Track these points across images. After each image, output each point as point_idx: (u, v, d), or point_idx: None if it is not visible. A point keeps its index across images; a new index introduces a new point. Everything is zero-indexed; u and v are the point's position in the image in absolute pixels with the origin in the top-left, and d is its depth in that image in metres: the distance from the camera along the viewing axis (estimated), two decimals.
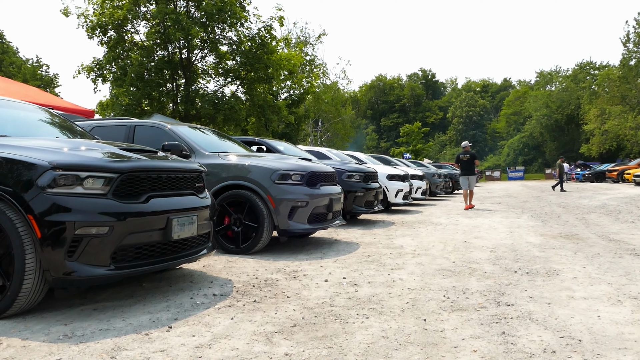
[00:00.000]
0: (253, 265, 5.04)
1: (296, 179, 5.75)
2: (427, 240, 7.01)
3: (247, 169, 5.70)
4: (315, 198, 5.82)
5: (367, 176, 9.03)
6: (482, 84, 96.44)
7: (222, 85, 18.49)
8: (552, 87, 70.32)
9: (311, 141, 32.79)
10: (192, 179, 4.04)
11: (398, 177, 11.62)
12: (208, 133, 7.11)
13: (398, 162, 17.53)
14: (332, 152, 11.98)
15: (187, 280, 4.31)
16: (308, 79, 24.78)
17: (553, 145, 65.97)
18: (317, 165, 6.23)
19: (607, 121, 47.93)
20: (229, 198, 5.68)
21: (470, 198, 13.22)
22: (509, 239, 7.00)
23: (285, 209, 5.55)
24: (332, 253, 5.85)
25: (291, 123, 21.69)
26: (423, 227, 8.75)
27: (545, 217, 10.40)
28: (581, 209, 12.43)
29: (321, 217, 6.07)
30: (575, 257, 5.54)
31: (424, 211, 12.39)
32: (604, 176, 35.26)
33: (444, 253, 5.86)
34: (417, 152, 48.23)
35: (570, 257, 5.55)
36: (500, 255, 5.65)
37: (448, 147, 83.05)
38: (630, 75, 46.38)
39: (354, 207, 8.63)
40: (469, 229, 8.39)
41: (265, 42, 17.01)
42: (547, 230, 8.03)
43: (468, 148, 13.71)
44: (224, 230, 5.72)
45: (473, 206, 13.14)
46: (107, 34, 16.60)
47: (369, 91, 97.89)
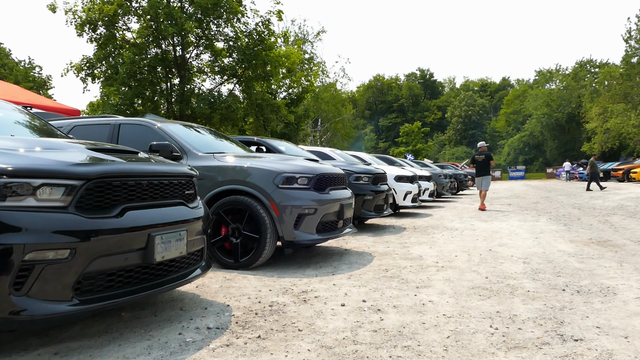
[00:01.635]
0: (255, 284, 4.32)
1: (303, 182, 5.04)
2: (447, 249, 6.30)
3: (246, 172, 4.99)
4: (325, 204, 5.11)
5: (376, 178, 8.33)
6: (481, 83, 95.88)
7: (219, 83, 17.75)
8: (552, 85, 69.74)
9: (311, 141, 32.04)
10: (181, 185, 3.32)
11: (406, 179, 10.91)
12: (203, 132, 6.39)
13: (402, 163, 16.83)
14: (336, 152, 11.27)
15: (176, 306, 3.59)
16: (307, 77, 24.04)
17: (554, 144, 65.39)
18: (325, 167, 5.52)
19: (609, 119, 47.32)
20: (226, 205, 4.97)
21: (483, 198, 12.98)
22: (538, 247, 6.30)
23: (290, 217, 4.83)
24: (344, 267, 5.14)
25: (290, 123, 20.94)
26: (438, 232, 8.04)
27: (564, 220, 9.71)
28: (598, 210, 11.76)
29: (331, 226, 5.35)
30: (623, 269, 4.85)
31: (434, 214, 11.68)
32: (608, 175, 34.62)
33: (472, 265, 5.15)
34: (417, 152, 47.60)
35: (617, 269, 4.86)
36: (536, 268, 4.94)
37: (447, 146, 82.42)
38: (632, 73, 45.81)
39: (363, 212, 7.91)
40: (488, 234, 7.68)
41: (263, 38, 16.26)
42: (574, 236, 7.34)
43: (484, 148, 13.41)
44: (220, 242, 5.00)
45: (485, 208, 12.81)
46: (97, 30, 15.84)
47: (366, 91, 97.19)
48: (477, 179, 13.04)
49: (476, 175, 13.11)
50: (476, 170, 13.12)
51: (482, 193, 12.91)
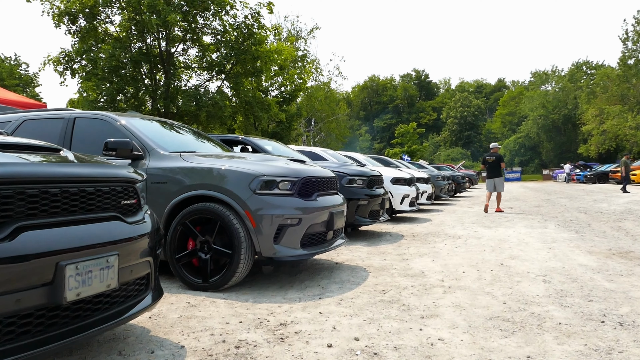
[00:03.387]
0: (224, 311, 3.53)
1: (285, 187, 4.25)
2: (451, 262, 5.53)
3: (217, 175, 4.20)
4: (311, 213, 4.32)
5: (371, 181, 7.55)
6: (476, 84, 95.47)
7: (206, 80, 16.89)
8: (548, 87, 69.30)
9: (304, 141, 31.18)
10: (115, 193, 2.52)
11: (404, 181, 10.15)
12: (177, 129, 5.60)
13: (398, 164, 16.07)
14: (328, 152, 10.50)
15: (114, 348, 2.79)
16: (300, 75, 23.21)
17: (550, 145, 64.95)
18: (312, 169, 4.73)
19: (605, 121, 46.84)
20: (193, 214, 4.17)
21: (498, 201, 12.83)
22: (555, 260, 5.55)
23: (269, 228, 4.04)
24: (334, 287, 4.35)
25: (282, 122, 20.10)
26: (439, 241, 7.28)
27: (574, 226, 8.99)
28: (606, 215, 11.05)
29: (319, 238, 4.57)
30: None
31: (433, 219, 10.92)
32: (606, 177, 34.11)
33: (484, 285, 4.38)
34: (412, 153, 46.92)
35: None
36: (561, 289, 4.18)
37: (442, 148, 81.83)
38: (629, 74, 45.37)
39: (356, 219, 7.14)
40: (495, 244, 6.92)
41: (253, 32, 15.42)
42: (591, 246, 6.59)
43: (496, 150, 13.08)
44: (187, 258, 4.21)
45: (502, 210, 12.77)
46: (76, 22, 14.95)
47: (361, 92, 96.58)
48: (487, 180, 12.78)
49: (487, 177, 12.83)
50: (487, 171, 12.84)
51: (498, 195, 12.75)
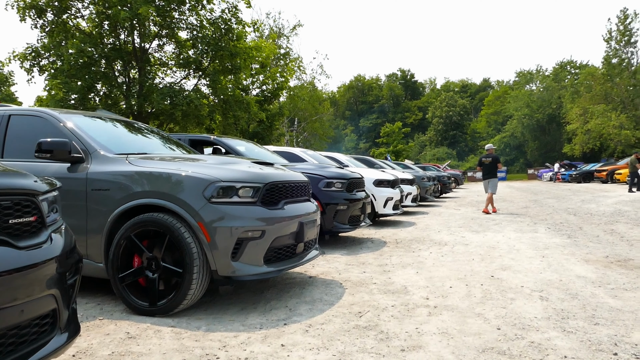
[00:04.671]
0: (167, 345, 2.96)
1: (246, 194, 3.68)
2: (437, 274, 5.01)
3: (167, 180, 3.61)
4: (277, 223, 3.76)
5: (351, 183, 7.01)
6: (461, 84, 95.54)
7: (182, 77, 16.19)
8: (533, 86, 69.57)
9: (287, 141, 30.54)
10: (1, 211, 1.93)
11: (387, 183, 9.63)
12: (134, 130, 5.01)
13: (382, 165, 15.57)
14: (308, 153, 9.95)
15: None
16: (282, 74, 22.56)
17: (534, 145, 65.14)
18: (279, 173, 4.16)
19: (589, 120, 46.95)
20: (139, 226, 3.59)
21: (487, 203, 12.69)
22: (551, 271, 5.06)
23: (226, 243, 3.48)
24: (303, 308, 3.80)
25: (263, 121, 19.46)
26: (424, 248, 6.76)
27: (565, 230, 8.55)
28: (596, 216, 10.66)
29: (287, 252, 4.01)
30: None
31: (418, 222, 10.42)
32: (592, 176, 33.99)
33: (474, 304, 3.86)
34: (398, 152, 46.63)
35: None
36: (561, 309, 3.67)
37: (428, 147, 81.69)
38: (613, 74, 45.58)
39: (335, 225, 6.59)
40: (484, 251, 6.43)
41: (231, 27, 14.79)
42: (586, 253, 6.13)
43: (492, 151, 13.01)
44: (132, 277, 3.62)
45: (488, 212, 12.51)
46: (44, 16, 14.17)
47: (347, 92, 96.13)
48: (484, 181, 12.76)
49: (483, 177, 12.82)
50: (483, 172, 12.81)
51: (489, 196, 12.58)
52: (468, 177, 53.22)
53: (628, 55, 45.36)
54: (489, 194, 12.57)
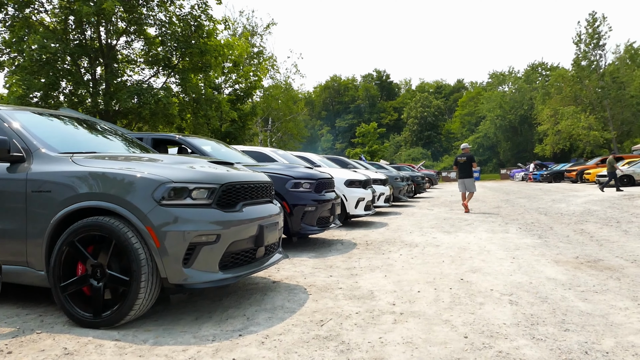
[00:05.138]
0: None
1: (200, 195, 3.44)
2: (406, 278, 4.85)
3: (113, 181, 3.35)
4: (234, 227, 3.53)
5: (320, 184, 6.81)
6: (436, 85, 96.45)
7: (151, 75, 15.74)
8: (505, 87, 70.66)
9: (260, 141, 30.15)
10: None
11: (359, 183, 9.47)
12: (88, 127, 4.72)
13: (356, 165, 15.44)
14: (279, 153, 9.73)
15: None
16: (256, 72, 22.21)
17: (507, 145, 66.15)
18: (237, 173, 3.92)
19: (560, 121, 47.85)
20: (83, 231, 3.31)
21: (468, 199, 12.81)
22: (521, 273, 4.94)
23: (177, 248, 3.23)
24: (261, 317, 3.57)
25: (235, 121, 19.11)
26: (395, 250, 6.61)
27: (536, 230, 8.52)
28: (567, 216, 10.71)
29: (245, 257, 3.77)
30: None
31: (390, 223, 10.29)
32: (562, 176, 34.64)
33: (441, 309, 3.70)
34: (373, 153, 46.71)
35: (634, 309, 3.56)
36: (530, 314, 3.54)
37: (403, 147, 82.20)
38: (582, 76, 46.53)
39: (302, 227, 6.39)
40: (455, 253, 6.30)
41: (201, 24, 14.42)
42: (557, 254, 6.06)
43: (467, 150, 13.14)
44: (75, 286, 3.34)
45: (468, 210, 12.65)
46: (4, 9, 13.56)
47: (323, 92, 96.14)
48: (459, 181, 12.88)
49: (458, 177, 12.91)
50: (458, 172, 12.89)
51: (469, 195, 12.77)
52: (442, 177, 53.72)
53: (597, 57, 46.41)
54: (470, 193, 12.70)
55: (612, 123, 44.85)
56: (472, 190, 12.69)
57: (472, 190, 12.68)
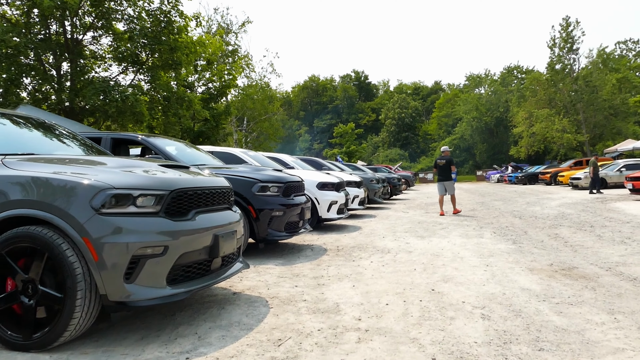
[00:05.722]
0: None
1: (146, 203, 3.13)
2: (375, 288, 4.60)
3: (47, 187, 3.00)
4: (183, 237, 3.22)
5: (288, 187, 6.53)
6: (414, 86, 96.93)
7: (119, 72, 15.20)
8: (482, 90, 71.38)
9: (235, 141, 29.67)
10: None
11: (331, 186, 9.21)
12: (32, 127, 4.34)
13: (331, 166, 15.20)
14: (249, 154, 9.42)
15: None
16: (230, 71, 21.75)
17: (483, 147, 66.77)
18: (189, 179, 3.60)
19: (535, 124, 48.41)
20: (12, 242, 2.97)
21: (454, 203, 12.87)
22: (494, 283, 4.74)
23: (118, 261, 2.91)
24: (214, 335, 3.27)
25: (208, 120, 18.65)
26: (366, 257, 6.36)
27: (511, 234, 8.39)
28: (541, 220, 10.65)
29: (198, 270, 3.47)
30: (621, 325, 3.34)
31: (364, 227, 10.06)
32: (536, 178, 35.02)
33: (409, 325, 3.45)
34: (351, 153, 46.62)
35: (613, 326, 3.36)
36: (503, 330, 3.32)
37: (381, 148, 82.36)
38: (556, 79, 47.17)
39: (269, 233, 6.09)
40: (428, 259, 6.09)
41: (171, 20, 13.98)
42: (531, 261, 5.90)
43: (447, 153, 13.00)
44: (3, 304, 2.99)
45: (459, 211, 12.79)
46: None
47: (301, 92, 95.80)
48: (438, 184, 12.84)
49: (438, 180, 12.89)
50: (438, 174, 12.85)
51: (452, 198, 12.76)
52: (419, 178, 53.97)
53: (570, 61, 47.04)
54: (449, 195, 12.66)
55: (585, 126, 45.55)
56: (452, 193, 12.63)
57: (452, 192, 12.62)
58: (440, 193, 12.79)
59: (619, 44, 64.44)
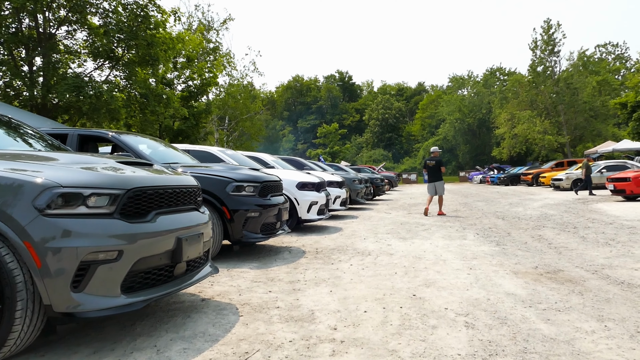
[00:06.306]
0: None
1: (98, 203, 2.83)
2: (353, 293, 4.35)
3: None
4: (141, 240, 2.93)
5: (265, 187, 6.25)
6: (398, 87, 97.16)
7: (94, 68, 14.72)
8: (465, 91, 71.79)
9: (217, 140, 29.17)
10: None
11: (311, 186, 8.95)
12: None
13: (313, 166, 14.94)
14: (227, 152, 9.11)
15: None
16: (211, 69, 21.31)
17: (466, 148, 67.14)
18: (149, 177, 3.30)
19: (516, 125, 48.78)
20: None
21: (440, 205, 12.67)
22: (478, 287, 4.53)
23: (65, 268, 2.61)
24: (175, 349, 2.99)
25: (188, 118, 18.23)
26: (345, 259, 6.12)
27: (494, 236, 8.22)
28: (524, 221, 10.53)
29: (159, 276, 3.18)
30: (612, 334, 3.14)
31: (345, 228, 9.82)
32: (518, 179, 35.22)
33: (388, 335, 3.21)
34: (335, 154, 46.44)
35: (604, 334, 3.15)
36: (488, 340, 3.09)
37: (365, 149, 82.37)
38: (538, 81, 47.62)
39: (244, 234, 5.80)
40: (409, 262, 5.87)
41: (148, 14, 13.57)
42: (515, 263, 5.71)
43: (436, 154, 12.91)
44: None
45: (444, 214, 12.54)
46: None
47: (285, 92, 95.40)
48: (428, 184, 12.74)
49: (428, 180, 12.79)
50: (428, 175, 12.76)
51: (439, 198, 12.61)
52: (403, 179, 53.99)
53: (552, 63, 47.52)
54: (439, 195, 12.54)
55: (565, 128, 46.04)
56: (442, 194, 12.55)
57: (441, 193, 12.54)
58: (430, 194, 12.68)
59: (599, 47, 65.43)
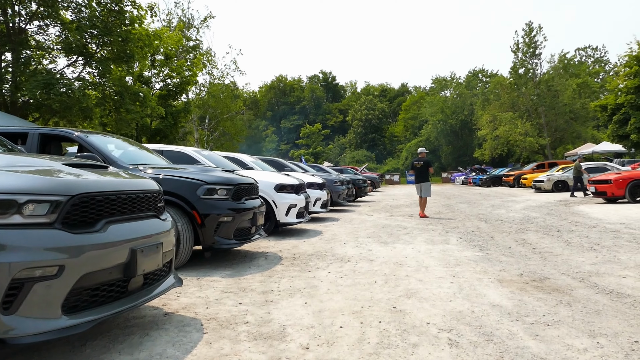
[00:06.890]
0: None
1: (35, 212, 2.49)
2: (329, 306, 4.06)
3: None
4: (87, 253, 2.60)
5: (239, 190, 5.93)
6: (381, 88, 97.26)
7: (67, 64, 14.19)
8: (447, 93, 72.12)
9: (197, 140, 28.62)
10: None
11: (290, 188, 8.65)
12: None
13: (295, 167, 14.63)
14: (203, 153, 8.76)
15: None
16: (190, 67, 20.81)
17: (448, 149, 67.42)
18: (99, 181, 2.96)
19: (498, 127, 49.07)
20: None
21: (423, 207, 12.50)
22: (462, 298, 4.28)
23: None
24: None
25: (165, 117, 17.76)
26: (323, 267, 5.82)
27: (477, 240, 8.02)
28: (507, 223, 10.38)
29: (110, 292, 2.84)
30: (604, 350, 2.90)
31: (325, 231, 9.53)
32: (500, 181, 35.36)
33: (365, 355, 2.92)
34: (318, 154, 46.17)
35: (595, 350, 2.92)
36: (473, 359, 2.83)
37: (348, 150, 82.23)
38: (519, 83, 47.98)
39: (216, 240, 5.48)
40: (390, 270, 5.60)
41: (123, 9, 13.11)
42: (499, 270, 5.48)
43: (423, 155, 12.74)
44: None
45: (425, 215, 12.35)
46: None
47: (268, 92, 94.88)
48: (416, 185, 12.66)
49: (415, 181, 12.72)
50: (415, 176, 12.71)
51: (423, 200, 12.48)
52: (385, 179, 53.99)
53: (533, 66, 47.93)
54: (424, 197, 12.43)
55: (546, 129, 46.48)
56: (428, 195, 12.47)
57: (427, 195, 12.45)
58: (419, 194, 12.61)
59: (578, 50, 66.36)
